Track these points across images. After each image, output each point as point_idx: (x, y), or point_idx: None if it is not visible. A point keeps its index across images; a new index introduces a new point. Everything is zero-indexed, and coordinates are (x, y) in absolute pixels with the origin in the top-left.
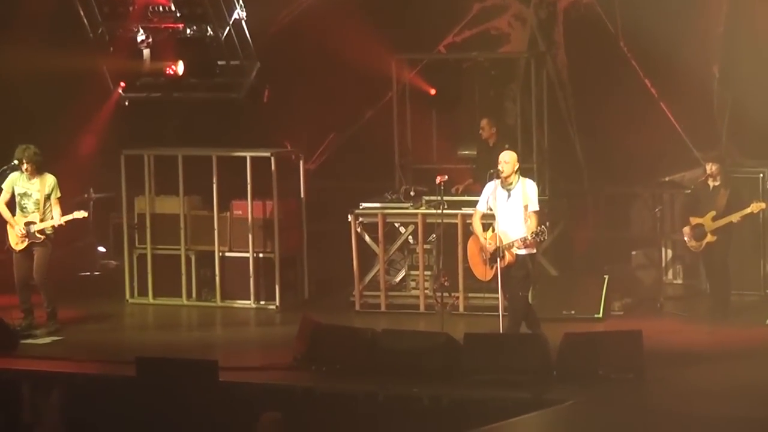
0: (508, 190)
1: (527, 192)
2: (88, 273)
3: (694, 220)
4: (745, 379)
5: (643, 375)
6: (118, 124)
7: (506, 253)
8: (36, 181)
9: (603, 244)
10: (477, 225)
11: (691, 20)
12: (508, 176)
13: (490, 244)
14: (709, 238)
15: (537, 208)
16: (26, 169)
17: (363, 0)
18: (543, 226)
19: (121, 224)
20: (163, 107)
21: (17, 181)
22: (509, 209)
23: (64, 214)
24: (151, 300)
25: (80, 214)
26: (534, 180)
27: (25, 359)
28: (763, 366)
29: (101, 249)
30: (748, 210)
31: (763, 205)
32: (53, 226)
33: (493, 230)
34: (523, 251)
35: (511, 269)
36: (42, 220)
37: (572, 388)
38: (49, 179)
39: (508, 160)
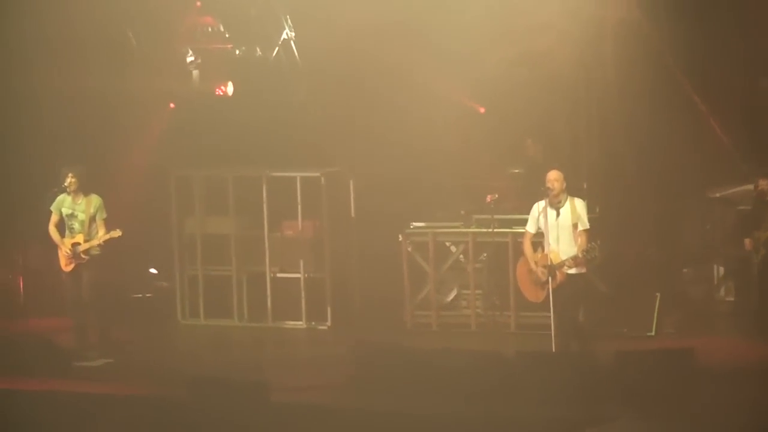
0: (557, 209)
1: (577, 210)
2: (140, 294)
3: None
4: None
5: (694, 393)
6: (168, 145)
7: (557, 272)
8: (82, 201)
9: (654, 261)
10: (527, 247)
11: (740, 35)
12: (558, 194)
13: (542, 269)
14: (763, 251)
15: (587, 226)
16: (70, 184)
17: (410, 18)
18: (593, 244)
19: (173, 246)
20: (213, 128)
21: (64, 202)
22: (559, 228)
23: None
24: (202, 321)
25: (115, 233)
26: (584, 197)
27: (78, 381)
28: None
29: (153, 271)
30: None
31: None
32: (101, 247)
33: (543, 250)
34: (573, 270)
35: (561, 289)
36: (86, 241)
37: (623, 406)
38: (95, 200)
39: (556, 178)
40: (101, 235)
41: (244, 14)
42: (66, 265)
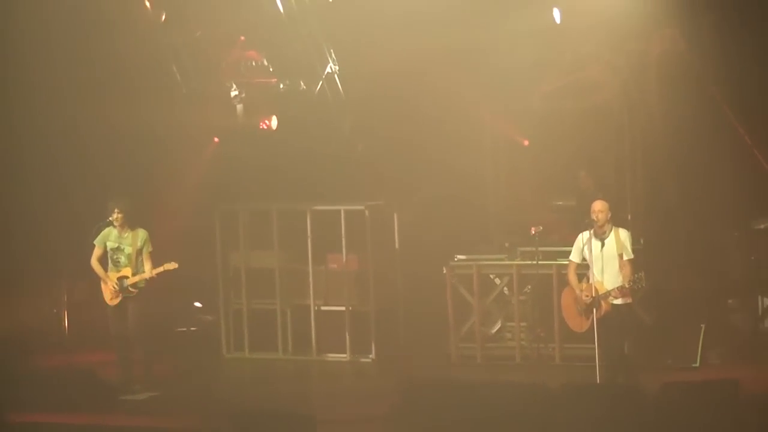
0: (602, 240)
1: (621, 240)
2: (185, 328)
3: None
4: None
5: (740, 424)
6: (213, 179)
7: (602, 302)
8: (128, 235)
9: (698, 291)
10: (572, 276)
11: None
12: (602, 225)
13: (586, 297)
14: None
15: (632, 256)
16: (116, 219)
17: (456, 52)
18: (639, 274)
19: (217, 279)
20: (258, 161)
21: (109, 235)
22: (604, 258)
23: (155, 267)
24: (247, 354)
25: (171, 265)
26: (629, 228)
27: (124, 415)
28: None
29: (197, 304)
30: None
31: None
32: (146, 280)
33: (588, 281)
34: (619, 301)
35: (606, 319)
36: (134, 275)
37: None
38: (141, 233)
39: (601, 209)
40: (148, 268)
41: (288, 48)
42: (111, 299)
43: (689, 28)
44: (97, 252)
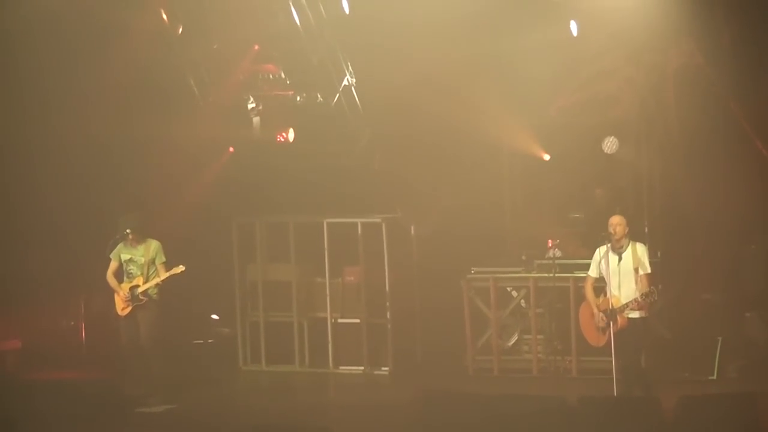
0: (619, 254)
1: (638, 255)
2: (202, 341)
3: None
4: None
5: None
6: (230, 192)
7: (618, 317)
8: (140, 247)
9: (715, 305)
10: (589, 291)
11: None
12: (620, 239)
13: (602, 318)
14: None
15: (648, 270)
16: (130, 236)
17: (473, 65)
18: (653, 288)
19: (234, 292)
20: (275, 174)
21: (123, 249)
22: (621, 273)
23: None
24: (264, 367)
25: (178, 269)
26: (645, 241)
27: (140, 428)
28: None
29: (214, 317)
30: None
31: None
32: (159, 290)
33: (605, 294)
34: (636, 314)
35: (623, 333)
36: (145, 283)
37: None
38: (153, 244)
39: (619, 222)
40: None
41: (305, 61)
42: (122, 309)
43: (707, 41)
44: (112, 266)
